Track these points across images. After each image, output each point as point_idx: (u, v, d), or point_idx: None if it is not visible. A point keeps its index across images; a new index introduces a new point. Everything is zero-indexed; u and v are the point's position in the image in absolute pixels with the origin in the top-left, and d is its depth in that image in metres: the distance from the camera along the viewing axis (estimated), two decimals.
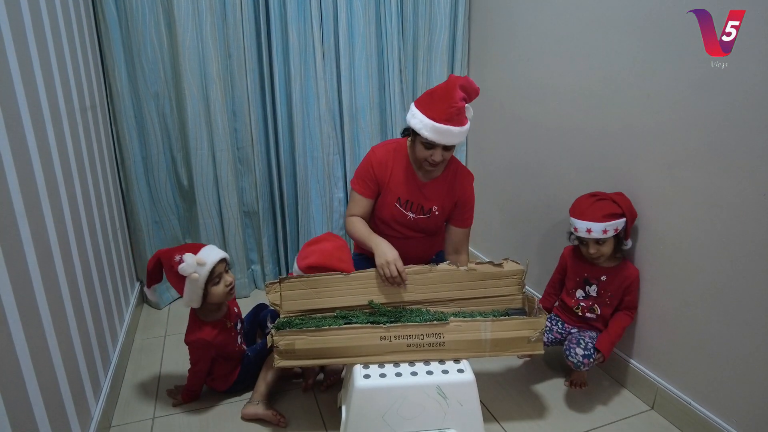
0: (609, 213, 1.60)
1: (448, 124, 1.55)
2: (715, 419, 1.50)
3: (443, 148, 1.62)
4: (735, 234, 1.39)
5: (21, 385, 1.03)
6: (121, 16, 2.08)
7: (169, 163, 2.34)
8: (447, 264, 1.61)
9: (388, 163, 1.76)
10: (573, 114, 1.93)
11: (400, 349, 1.42)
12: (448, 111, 1.54)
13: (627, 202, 1.64)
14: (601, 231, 1.60)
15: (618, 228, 1.61)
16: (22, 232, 1.10)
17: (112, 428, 1.61)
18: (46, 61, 1.38)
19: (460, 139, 1.60)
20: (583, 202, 1.68)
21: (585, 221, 1.62)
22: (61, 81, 1.50)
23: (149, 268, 1.60)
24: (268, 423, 1.62)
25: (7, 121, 1.07)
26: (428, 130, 1.56)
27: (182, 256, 1.50)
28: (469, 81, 1.59)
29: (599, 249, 1.64)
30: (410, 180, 1.76)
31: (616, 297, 1.71)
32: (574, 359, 1.64)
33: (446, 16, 2.52)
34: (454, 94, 1.54)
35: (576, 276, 1.79)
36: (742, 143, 1.35)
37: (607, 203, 1.62)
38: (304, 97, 2.40)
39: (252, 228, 2.53)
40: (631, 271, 1.68)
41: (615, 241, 1.65)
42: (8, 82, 1.11)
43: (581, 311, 1.78)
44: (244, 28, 2.22)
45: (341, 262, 1.60)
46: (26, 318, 1.07)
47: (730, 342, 1.44)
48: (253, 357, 1.76)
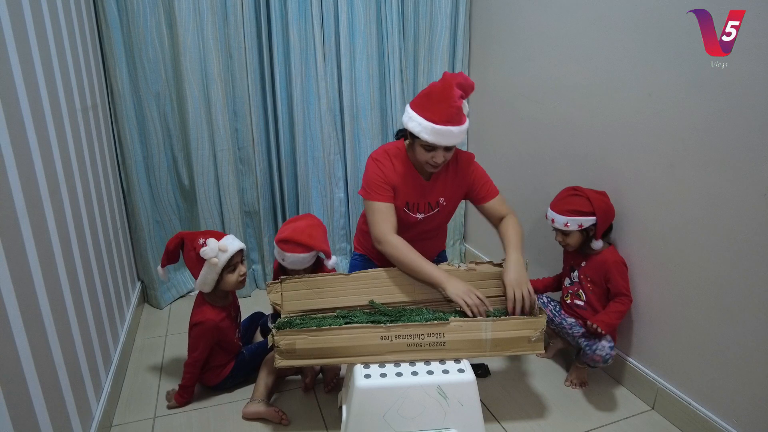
0: (575, 209, 1.67)
1: (448, 125, 1.50)
2: (716, 419, 1.50)
3: (444, 149, 1.57)
4: (735, 233, 1.39)
5: (22, 384, 1.03)
6: (122, 16, 2.08)
7: (170, 163, 2.34)
8: (447, 264, 1.62)
9: (393, 168, 1.70)
10: (574, 113, 1.93)
11: (401, 348, 1.42)
12: (447, 112, 1.50)
13: (603, 202, 1.69)
14: (562, 224, 1.71)
15: (582, 225, 1.68)
16: (24, 232, 1.11)
17: (113, 427, 1.61)
18: (47, 61, 1.38)
19: (461, 138, 1.56)
20: (561, 193, 1.78)
21: (551, 211, 1.75)
22: (63, 81, 1.50)
23: (170, 247, 1.67)
24: (269, 422, 1.62)
25: (8, 121, 1.07)
26: (428, 132, 1.52)
27: (206, 239, 1.61)
28: (465, 77, 1.56)
29: (564, 239, 1.76)
30: (414, 182, 1.72)
31: (598, 283, 1.74)
32: (602, 352, 1.60)
33: (447, 16, 2.52)
34: (452, 93, 1.50)
35: (566, 264, 1.88)
36: (742, 143, 1.35)
37: (580, 200, 1.68)
38: (305, 97, 2.40)
39: (253, 228, 2.53)
40: (608, 256, 1.71)
41: (583, 236, 1.72)
42: (10, 82, 1.12)
43: (570, 298, 1.83)
44: (245, 28, 2.22)
45: (311, 238, 1.69)
46: (28, 317, 1.07)
47: (731, 342, 1.44)
48: (248, 355, 1.78)
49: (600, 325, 1.61)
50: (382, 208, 1.64)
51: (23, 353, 1.04)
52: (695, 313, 1.54)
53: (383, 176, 1.66)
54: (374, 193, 1.65)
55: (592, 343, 1.65)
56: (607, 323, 1.62)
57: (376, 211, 1.65)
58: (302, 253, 1.70)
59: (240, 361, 1.76)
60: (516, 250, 1.61)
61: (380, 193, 1.65)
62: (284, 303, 1.55)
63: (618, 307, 1.68)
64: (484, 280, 1.60)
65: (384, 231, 1.62)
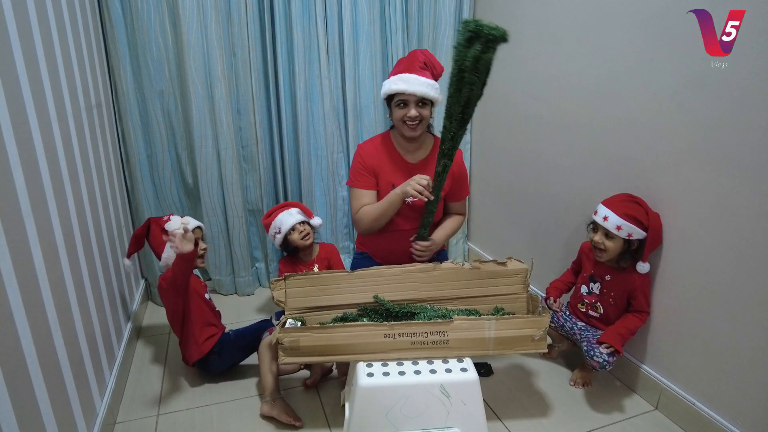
0: (633, 216, 1.58)
1: (410, 73, 1.66)
2: (719, 419, 1.49)
3: (416, 104, 1.69)
4: (739, 234, 1.39)
5: (27, 381, 1.04)
6: (126, 15, 2.09)
7: (174, 161, 2.35)
8: (451, 262, 1.62)
9: (376, 154, 1.83)
10: (578, 111, 1.93)
11: (404, 346, 1.42)
12: (409, 65, 1.69)
13: (657, 222, 1.59)
14: (615, 225, 1.59)
15: (632, 234, 1.58)
16: (29, 230, 1.11)
17: (117, 424, 1.62)
18: (51, 60, 1.38)
19: (427, 90, 1.67)
20: (618, 196, 1.68)
21: (607, 208, 1.62)
22: (67, 80, 1.51)
23: (138, 232, 1.86)
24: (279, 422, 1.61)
25: (13, 120, 1.08)
26: (394, 83, 1.68)
27: (170, 216, 1.81)
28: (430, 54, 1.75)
29: (605, 241, 1.63)
30: (400, 164, 1.83)
31: (620, 300, 1.70)
32: (599, 359, 1.60)
33: (451, 14, 2.51)
34: (414, 56, 1.71)
35: (585, 271, 1.80)
36: (741, 143, 1.34)
37: (639, 210, 1.60)
38: (309, 95, 2.40)
39: (256, 226, 2.54)
40: (636, 277, 1.65)
41: (624, 247, 1.63)
42: (15, 81, 1.12)
43: (585, 308, 1.79)
44: (248, 27, 2.22)
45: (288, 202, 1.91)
46: (32, 315, 1.08)
47: (735, 342, 1.43)
48: (234, 336, 1.81)
49: (612, 342, 1.60)
50: (357, 194, 1.83)
51: (28, 351, 1.04)
52: (699, 313, 1.53)
53: (362, 163, 1.83)
54: (353, 179, 1.85)
55: (591, 348, 1.64)
56: (620, 342, 1.61)
57: (356, 195, 1.84)
58: (284, 211, 1.90)
59: (226, 341, 1.79)
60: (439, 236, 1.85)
61: (358, 179, 1.83)
62: (288, 300, 1.56)
63: (636, 322, 1.66)
64: (488, 279, 1.60)
65: (356, 209, 1.83)
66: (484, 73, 1.45)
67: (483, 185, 2.71)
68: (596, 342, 1.65)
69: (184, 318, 1.75)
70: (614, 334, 1.63)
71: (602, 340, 1.63)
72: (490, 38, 1.39)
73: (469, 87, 1.45)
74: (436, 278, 1.59)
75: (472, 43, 1.40)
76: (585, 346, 1.67)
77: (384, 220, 1.78)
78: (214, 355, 1.77)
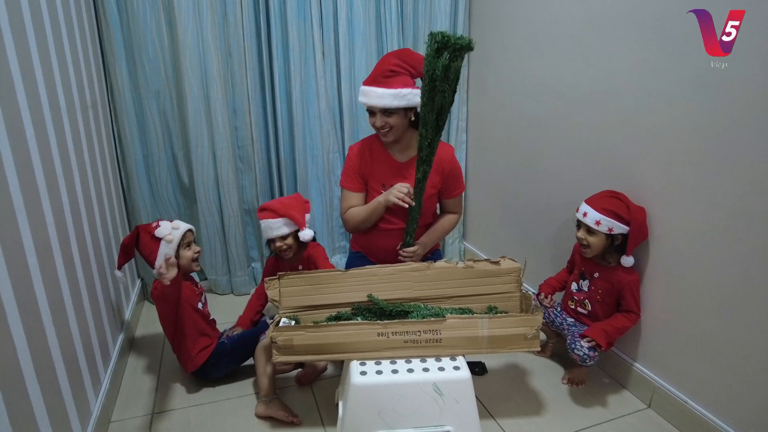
0: (612, 211, 1.61)
1: (371, 86, 1.67)
2: (712, 418, 1.50)
3: (382, 113, 1.70)
4: (733, 233, 1.39)
5: (20, 380, 1.04)
6: (122, 15, 2.09)
7: (170, 161, 2.35)
8: (444, 261, 1.62)
9: (365, 154, 1.85)
10: (573, 113, 1.94)
11: (398, 345, 1.43)
12: (375, 74, 1.69)
13: (641, 216, 1.61)
14: (594, 221, 1.64)
15: (612, 229, 1.61)
16: (22, 230, 1.11)
17: (112, 423, 1.62)
18: (46, 59, 1.39)
19: (388, 102, 1.66)
20: (601, 193, 1.71)
21: (586, 204, 1.68)
22: (62, 79, 1.51)
23: (126, 241, 1.74)
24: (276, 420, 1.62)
25: (7, 119, 1.08)
26: (360, 93, 1.72)
27: (159, 222, 1.76)
28: (407, 50, 1.74)
29: (587, 237, 1.68)
30: (389, 163, 1.84)
31: (608, 298, 1.71)
32: (579, 352, 1.63)
33: (446, 15, 2.52)
34: (386, 59, 1.70)
35: (576, 269, 1.83)
36: (742, 143, 1.35)
37: (620, 205, 1.62)
38: (305, 95, 2.41)
39: (252, 226, 2.54)
40: (624, 275, 1.66)
41: (607, 242, 1.66)
42: (8, 80, 1.12)
43: (575, 305, 1.82)
44: (244, 27, 2.23)
45: (283, 206, 1.84)
46: (26, 314, 1.08)
47: (728, 341, 1.44)
48: (229, 345, 1.79)
49: (597, 338, 1.62)
50: (349, 195, 1.87)
51: (21, 350, 1.05)
52: (693, 312, 1.54)
53: (351, 165, 1.86)
54: (343, 180, 1.88)
55: (573, 341, 1.67)
56: (607, 340, 1.63)
57: (345, 197, 1.88)
58: (271, 218, 1.82)
59: (222, 351, 1.77)
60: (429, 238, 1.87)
61: (347, 181, 1.87)
62: (282, 299, 1.56)
63: (624, 322, 1.67)
64: (481, 278, 1.61)
65: (343, 209, 1.87)
66: (454, 80, 1.52)
67: (479, 186, 2.71)
68: (579, 336, 1.67)
69: (176, 329, 1.74)
70: (598, 329, 1.66)
71: (585, 334, 1.66)
72: (456, 47, 1.47)
73: (442, 94, 1.51)
74: (429, 277, 1.60)
75: (441, 54, 1.47)
76: (569, 339, 1.70)
77: (369, 223, 1.83)
78: (210, 366, 1.77)
